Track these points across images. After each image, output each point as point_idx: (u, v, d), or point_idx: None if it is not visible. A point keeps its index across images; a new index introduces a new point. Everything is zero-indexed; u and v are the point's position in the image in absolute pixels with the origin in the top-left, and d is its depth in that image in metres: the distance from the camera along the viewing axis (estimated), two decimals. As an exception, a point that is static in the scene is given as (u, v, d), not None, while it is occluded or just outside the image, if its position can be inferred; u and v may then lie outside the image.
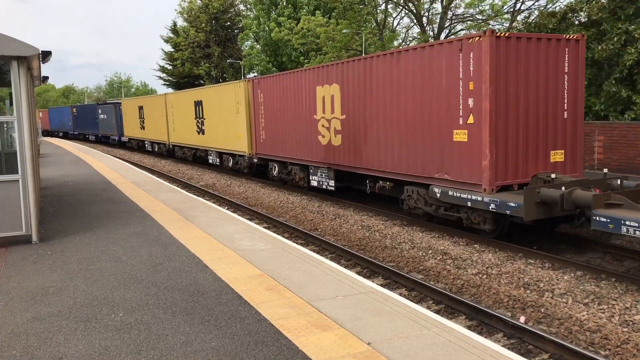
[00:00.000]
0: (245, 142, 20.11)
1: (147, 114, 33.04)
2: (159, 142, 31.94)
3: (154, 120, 31.63)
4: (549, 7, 27.42)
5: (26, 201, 8.65)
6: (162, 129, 30.24)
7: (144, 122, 33.79)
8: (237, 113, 20.40)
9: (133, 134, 36.89)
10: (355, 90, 13.57)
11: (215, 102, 22.62)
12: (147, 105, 33.09)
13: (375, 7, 34.79)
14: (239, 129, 20.48)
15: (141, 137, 35.05)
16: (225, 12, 58.36)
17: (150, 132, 33.01)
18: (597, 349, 6.33)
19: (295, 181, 17.25)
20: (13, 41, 8.08)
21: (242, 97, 20.00)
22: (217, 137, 22.77)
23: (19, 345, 4.99)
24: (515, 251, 9.87)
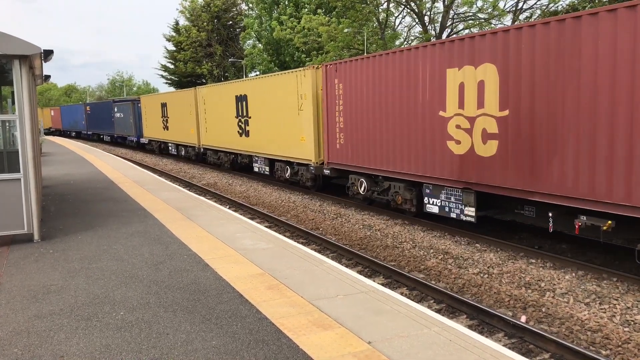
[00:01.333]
0: (311, 148, 15.73)
1: (172, 111, 28.67)
2: (186, 145, 27.53)
3: (180, 119, 27.39)
4: (550, 7, 27.39)
5: (28, 200, 8.67)
6: (190, 130, 26.19)
7: (168, 121, 29.45)
8: (300, 110, 16.13)
9: (154, 134, 32.51)
10: (538, 70, 8.81)
11: (265, 97, 18.40)
12: (172, 101, 28.60)
13: (377, 6, 34.76)
14: (301, 130, 16.18)
15: (164, 138, 30.67)
16: (227, 11, 58.34)
17: (175, 133, 28.63)
18: (598, 348, 6.33)
19: (397, 204, 12.71)
20: (15, 40, 8.09)
21: (308, 89, 15.60)
22: (267, 141, 18.49)
23: (20, 343, 5.00)
24: (517, 250, 9.86)
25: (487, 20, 32.73)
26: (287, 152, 17.32)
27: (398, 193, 12.62)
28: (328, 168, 15.14)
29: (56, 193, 14.53)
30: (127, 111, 37.34)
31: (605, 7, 7.87)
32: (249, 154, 20.40)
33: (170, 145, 30.30)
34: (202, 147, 25.28)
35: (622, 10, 7.59)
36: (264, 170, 19.50)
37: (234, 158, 22.58)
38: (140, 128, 35.15)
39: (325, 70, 14.73)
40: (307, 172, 16.55)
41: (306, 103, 15.82)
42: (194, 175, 23.61)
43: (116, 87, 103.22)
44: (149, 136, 33.57)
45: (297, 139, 16.53)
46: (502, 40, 9.43)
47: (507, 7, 31.92)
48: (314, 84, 15.47)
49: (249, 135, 19.98)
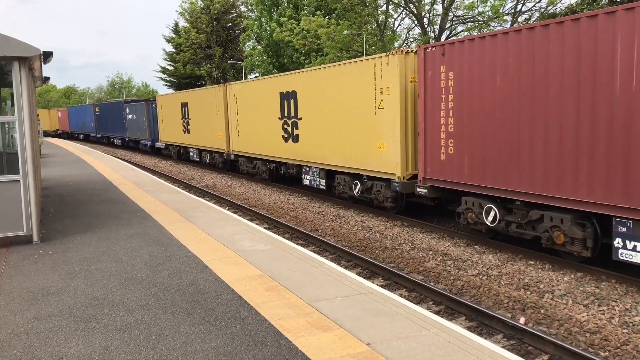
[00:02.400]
0: (395, 158, 12.09)
1: (194, 112, 25.40)
2: (212, 150, 24.14)
3: (204, 121, 24.18)
4: (549, 9, 27.45)
5: (27, 201, 8.67)
6: (217, 133, 22.84)
7: (189, 123, 26.09)
8: (378, 108, 12.61)
9: (172, 138, 28.98)
10: None
11: (323, 93, 14.88)
12: (194, 101, 25.23)
13: (376, 7, 34.82)
14: (378, 134, 12.71)
15: (184, 142, 27.23)
16: (226, 13, 58.47)
17: (198, 136, 25.28)
18: (597, 350, 6.34)
19: (555, 243, 9.09)
20: (14, 42, 8.10)
21: (392, 81, 12.02)
22: (324, 148, 15.06)
23: (19, 344, 5.00)
24: (516, 252, 9.88)
25: (486, 22, 32.79)
26: (355, 163, 13.63)
27: (558, 229, 8.88)
28: (424, 186, 11.37)
29: (55, 194, 14.53)
30: (140, 112, 34.07)
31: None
32: (297, 163, 16.74)
33: (192, 151, 26.79)
34: (233, 153, 21.72)
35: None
36: (318, 183, 15.82)
37: (275, 167, 18.95)
38: (156, 131, 31.88)
39: (423, 55, 11.05)
40: (387, 190, 12.74)
41: (389, 99, 12.15)
42: (193, 176, 23.61)
43: (115, 89, 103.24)
44: (166, 140, 30.03)
45: (373, 146, 12.85)
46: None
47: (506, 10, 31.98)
48: (402, 73, 11.78)
49: (298, 140, 16.38)
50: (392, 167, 12.33)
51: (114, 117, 40.43)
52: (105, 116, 43.53)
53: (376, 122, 12.75)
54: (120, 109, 38.60)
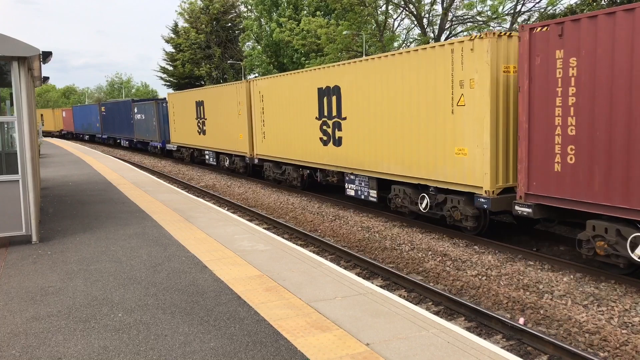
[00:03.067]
0: (480, 166, 10.01)
1: (211, 111, 23.32)
2: (231, 154, 22.02)
3: (223, 121, 22.03)
4: (549, 9, 27.48)
5: (26, 201, 8.66)
6: (238, 135, 20.78)
7: (205, 123, 24.01)
8: (457, 105, 10.42)
9: (185, 140, 26.90)
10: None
11: (374, 88, 12.71)
12: (212, 99, 23.16)
13: (375, 8, 34.84)
14: (456, 137, 10.52)
15: (199, 145, 25.14)
16: (226, 13, 58.47)
17: (215, 138, 23.18)
18: (596, 350, 6.34)
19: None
20: (13, 41, 8.10)
21: (479, 71, 9.87)
22: (375, 153, 12.87)
23: (18, 344, 5.00)
24: (515, 253, 9.88)
25: (485, 22, 32.82)
26: (420, 171, 11.43)
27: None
28: (528, 204, 9.22)
29: (54, 194, 14.52)
30: (149, 112, 31.86)
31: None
32: (340, 170, 14.57)
33: (208, 154, 24.63)
34: (257, 157, 19.49)
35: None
36: (367, 194, 13.54)
37: (310, 174, 16.73)
38: (167, 132, 29.91)
39: (528, 38, 8.93)
40: (467, 206, 10.48)
41: (473, 94, 10.00)
42: (192, 177, 23.61)
43: (115, 89, 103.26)
44: (179, 142, 27.88)
45: (448, 152, 10.65)
46: None
47: (505, 10, 32.02)
48: (494, 61, 9.70)
49: (341, 143, 14.28)
50: (476, 179, 10.01)
51: (121, 117, 38.24)
52: (111, 116, 41.16)
53: (454, 122, 10.40)
54: (128, 108, 36.30)
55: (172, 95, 28.97)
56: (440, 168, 10.91)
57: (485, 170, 9.87)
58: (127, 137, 37.42)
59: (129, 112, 35.88)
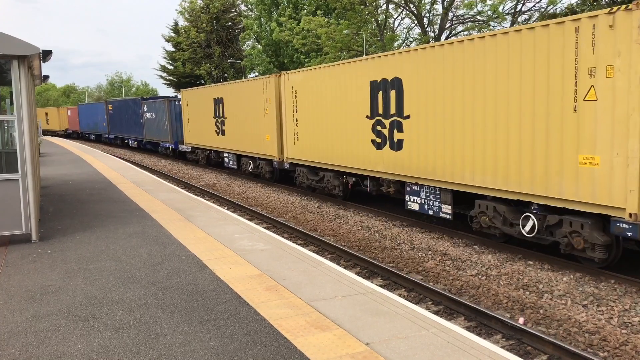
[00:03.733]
0: (634, 178, 7.67)
1: (231, 109, 21.11)
2: (255, 157, 19.72)
3: (246, 121, 19.70)
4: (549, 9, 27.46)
5: (26, 200, 8.66)
6: (264, 136, 18.38)
7: (225, 123, 21.80)
8: (586, 100, 8.19)
9: (201, 141, 24.74)
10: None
11: (452, 79, 10.56)
12: (233, 95, 20.84)
13: (376, 7, 34.83)
14: (582, 141, 8.32)
15: (217, 146, 22.95)
16: (226, 12, 58.46)
17: (236, 139, 20.87)
18: (596, 350, 6.34)
19: None
20: (14, 40, 8.09)
21: (623, 53, 7.66)
22: (463, 157, 10.43)
23: (17, 343, 5.00)
24: (515, 252, 9.87)
25: (486, 22, 32.82)
26: (521, 184, 9.25)
27: None
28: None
29: (54, 193, 14.52)
30: (160, 111, 29.64)
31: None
32: (400, 179, 12.33)
33: (227, 156, 22.42)
34: (288, 161, 17.25)
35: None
36: (439, 210, 11.27)
37: (356, 182, 14.53)
38: (179, 132, 27.78)
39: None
40: (594, 233, 8.41)
41: (611, 85, 7.83)
42: (192, 176, 23.60)
43: (115, 88, 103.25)
44: (193, 143, 25.73)
45: (567, 160, 8.50)
46: None
47: (506, 10, 32.01)
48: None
49: (401, 147, 12.04)
50: (613, 197, 7.87)
51: (130, 116, 35.83)
52: (119, 115, 38.63)
53: (577, 122, 8.26)
54: (137, 107, 33.90)
55: (186, 92, 26.42)
56: (554, 181, 8.67)
57: (631, 187, 7.60)
58: (136, 137, 35.22)
59: (138, 110, 33.66)
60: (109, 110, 40.97)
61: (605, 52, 7.84)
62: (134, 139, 36.01)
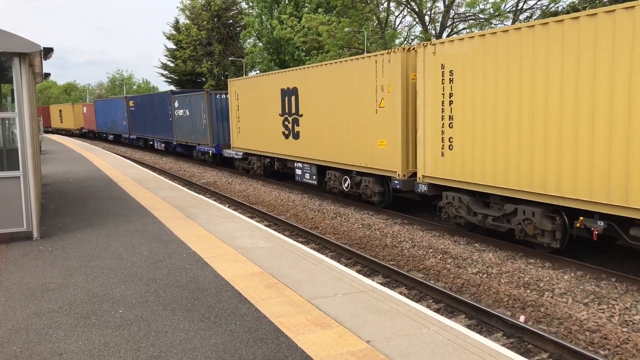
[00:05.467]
0: None
1: (311, 104, 15.55)
2: (353, 170, 14.12)
3: (338, 119, 14.32)
4: (551, 7, 27.41)
5: (27, 198, 8.66)
6: (372, 141, 13.11)
7: (299, 122, 16.25)
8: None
9: (258, 145, 19.40)
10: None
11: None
12: (314, 84, 15.34)
13: (377, 5, 34.79)
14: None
15: (285, 153, 17.32)
16: (227, 10, 58.40)
17: (317, 144, 15.36)
18: (597, 348, 6.34)
19: None
20: (15, 37, 8.09)
21: None
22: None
23: (19, 340, 5.00)
24: (516, 250, 9.87)
25: (487, 20, 32.76)
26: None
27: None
28: None
29: (55, 191, 14.53)
30: (197, 106, 24.69)
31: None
32: None
33: (302, 167, 16.62)
34: (427, 181, 11.41)
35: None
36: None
37: (568, 222, 9.00)
38: (224, 133, 23.43)
39: None
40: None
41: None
42: (194, 174, 23.61)
43: (116, 86, 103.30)
44: (245, 147, 20.48)
45: None
46: None
47: (507, 7, 31.96)
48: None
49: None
50: None
51: (156, 113, 30.71)
52: (142, 112, 33.34)
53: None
54: (165, 102, 29.03)
55: (236, 82, 21.17)
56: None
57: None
58: (163, 138, 30.04)
59: (167, 106, 28.64)
60: (130, 106, 35.75)
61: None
62: (161, 140, 30.76)
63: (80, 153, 28.65)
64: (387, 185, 13.28)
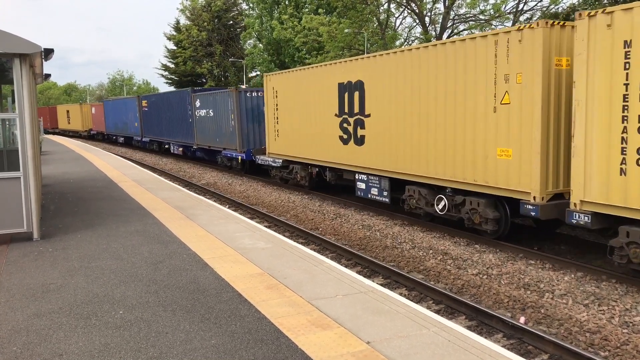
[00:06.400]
0: None
1: (384, 100, 12.63)
2: (448, 187, 11.11)
3: (433, 120, 11.21)
4: (551, 8, 27.42)
5: (27, 198, 8.67)
6: (487, 149, 10.01)
7: (365, 124, 13.39)
8: None
9: (304, 152, 16.33)
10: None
11: None
12: (388, 75, 12.43)
13: (377, 6, 34.82)
14: None
15: (342, 162, 14.43)
16: (227, 11, 58.49)
17: (392, 152, 12.50)
18: (597, 350, 6.33)
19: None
20: (15, 38, 8.10)
21: None
22: None
23: (19, 341, 5.00)
24: (516, 252, 9.87)
25: (487, 21, 32.78)
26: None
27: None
28: None
29: (56, 192, 14.53)
30: (223, 106, 21.95)
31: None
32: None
33: (367, 180, 13.63)
34: (587, 210, 8.35)
35: None
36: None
37: None
38: (256, 136, 20.81)
39: None
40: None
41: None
42: (194, 174, 23.61)
43: (116, 86, 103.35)
44: (286, 153, 17.40)
45: None
46: None
47: (507, 9, 31.98)
48: None
49: None
50: None
51: (173, 113, 28.12)
52: (157, 112, 30.67)
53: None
54: (184, 101, 26.32)
55: (275, 77, 17.96)
56: None
57: None
58: (181, 141, 27.32)
59: (186, 106, 26.02)
60: (143, 106, 32.98)
61: None
62: (178, 143, 27.99)
63: (81, 154, 28.65)
64: (504, 209, 10.14)
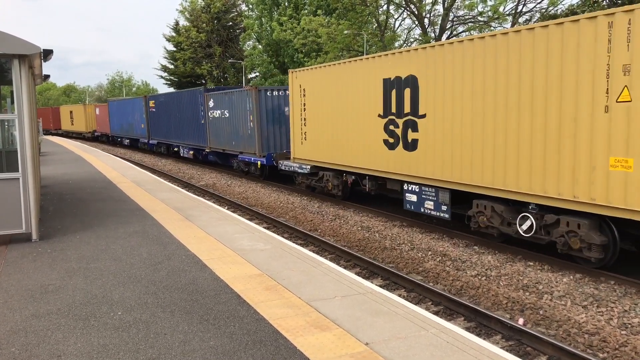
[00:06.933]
0: None
1: (452, 97, 10.44)
2: (561, 207, 8.62)
3: (515, 121, 9.21)
4: (550, 10, 27.46)
5: (26, 199, 8.66)
6: (601, 158, 8.02)
7: (418, 126, 11.46)
8: None
9: (338, 157, 14.48)
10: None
11: None
12: (454, 68, 10.31)
13: (377, 7, 34.87)
14: None
15: (388, 170, 12.57)
16: (227, 12, 58.55)
17: (455, 160, 10.52)
18: (595, 351, 6.34)
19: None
20: (14, 39, 8.10)
21: None
22: None
23: (17, 342, 5.00)
24: (515, 253, 9.88)
25: (486, 23, 32.83)
26: None
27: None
28: None
29: (55, 192, 14.53)
30: (240, 106, 20.25)
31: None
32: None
33: (424, 191, 11.76)
34: None
35: None
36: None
37: None
38: (274, 139, 19.26)
39: None
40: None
41: None
42: (193, 175, 23.60)
43: (115, 87, 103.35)
44: (316, 159, 15.59)
45: None
46: None
47: (507, 10, 32.03)
48: None
49: None
50: None
51: (183, 114, 26.39)
52: (165, 113, 28.93)
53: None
54: (196, 101, 24.59)
55: (303, 73, 15.97)
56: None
57: None
58: (192, 144, 25.63)
59: (198, 106, 24.32)
60: (150, 107, 31.22)
61: None
62: (188, 146, 26.22)
63: (80, 155, 28.64)
64: (612, 233, 8.45)
